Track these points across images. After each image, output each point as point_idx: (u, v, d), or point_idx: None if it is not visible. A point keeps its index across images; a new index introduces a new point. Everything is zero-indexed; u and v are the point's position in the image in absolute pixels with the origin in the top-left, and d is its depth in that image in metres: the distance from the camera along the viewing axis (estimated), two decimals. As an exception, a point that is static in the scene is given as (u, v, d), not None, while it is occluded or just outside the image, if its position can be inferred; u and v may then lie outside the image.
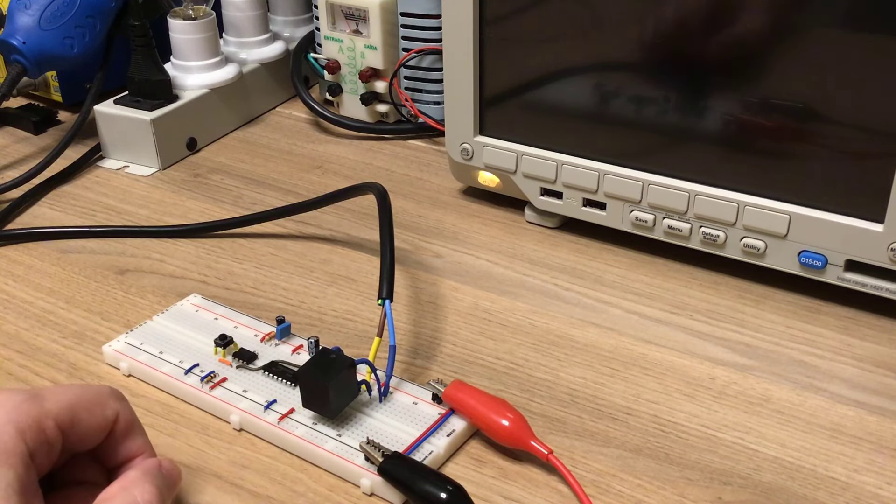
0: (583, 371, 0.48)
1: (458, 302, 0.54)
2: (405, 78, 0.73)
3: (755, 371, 0.48)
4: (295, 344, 0.49)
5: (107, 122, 0.71)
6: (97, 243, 0.61)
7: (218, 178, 0.69)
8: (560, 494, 0.41)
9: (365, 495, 0.41)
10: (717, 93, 0.51)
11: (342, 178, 0.69)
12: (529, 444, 0.42)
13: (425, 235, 0.61)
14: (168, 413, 0.46)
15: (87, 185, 0.69)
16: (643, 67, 0.53)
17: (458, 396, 0.44)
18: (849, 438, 0.44)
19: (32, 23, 0.67)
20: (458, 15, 0.57)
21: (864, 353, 0.49)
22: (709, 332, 0.51)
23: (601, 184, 0.56)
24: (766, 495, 0.41)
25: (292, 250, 0.60)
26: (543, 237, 0.60)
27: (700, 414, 0.45)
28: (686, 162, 0.53)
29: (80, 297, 0.55)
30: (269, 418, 0.44)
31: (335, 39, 0.74)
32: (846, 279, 0.51)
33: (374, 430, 0.43)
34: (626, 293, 0.54)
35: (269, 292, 0.55)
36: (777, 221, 0.51)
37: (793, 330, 0.51)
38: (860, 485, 0.41)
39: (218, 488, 0.41)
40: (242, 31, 0.78)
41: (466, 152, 0.61)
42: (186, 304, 0.53)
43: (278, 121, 0.79)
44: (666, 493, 0.41)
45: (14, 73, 0.67)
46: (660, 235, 0.56)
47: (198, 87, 0.73)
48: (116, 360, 0.49)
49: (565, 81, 0.56)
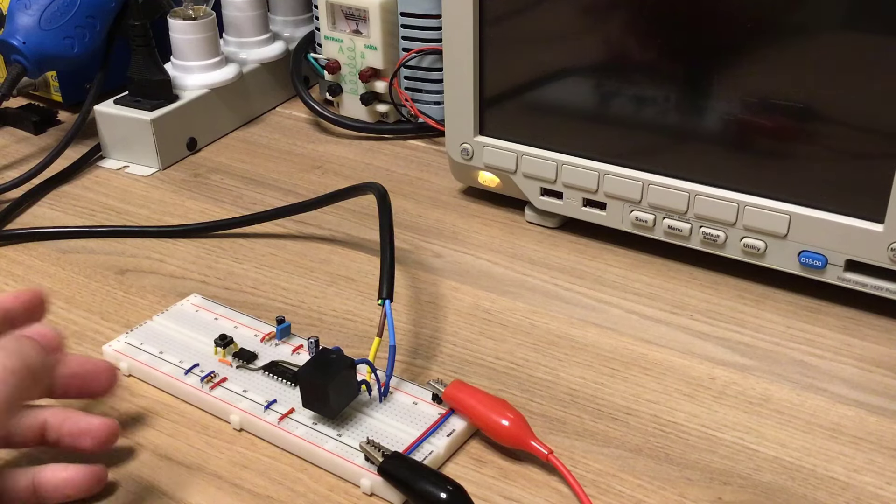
0: (583, 371, 0.48)
1: (458, 302, 0.54)
2: (405, 78, 0.73)
3: (755, 371, 0.48)
4: (295, 344, 0.49)
5: (107, 122, 0.71)
6: (97, 243, 0.61)
7: (218, 178, 0.69)
8: (560, 494, 0.41)
9: (365, 495, 0.41)
10: (717, 93, 0.51)
11: (342, 178, 0.69)
12: (529, 444, 0.42)
13: (425, 235, 0.61)
14: (168, 413, 0.46)
15: (87, 185, 0.69)
16: (643, 67, 0.53)
17: (458, 396, 0.44)
18: (849, 438, 0.44)
19: (32, 23, 0.67)
20: (458, 15, 0.57)
21: (864, 353, 0.49)
22: (709, 332, 0.51)
23: (601, 184, 0.56)
24: (766, 495, 0.41)
25: (292, 250, 0.60)
26: (543, 237, 0.60)
27: (700, 414, 0.45)
28: (686, 162, 0.53)
29: (80, 297, 0.55)
30: (269, 418, 0.44)
31: (335, 39, 0.74)
32: (846, 279, 0.51)
33: (374, 430, 0.43)
34: (626, 293, 0.54)
35: (269, 292, 0.55)
36: (777, 221, 0.51)
37: (793, 330, 0.51)
38: (860, 485, 0.41)
39: (218, 488, 0.41)
40: (242, 31, 0.78)
41: (466, 152, 0.61)
42: (186, 304, 0.53)
43: (278, 121, 0.79)
44: (666, 493, 0.41)
45: (14, 73, 0.67)
46: (660, 235, 0.56)
47: (198, 87, 0.73)
48: (116, 360, 0.49)
49: (565, 81, 0.56)
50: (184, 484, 0.42)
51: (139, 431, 0.45)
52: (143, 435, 0.44)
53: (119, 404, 0.46)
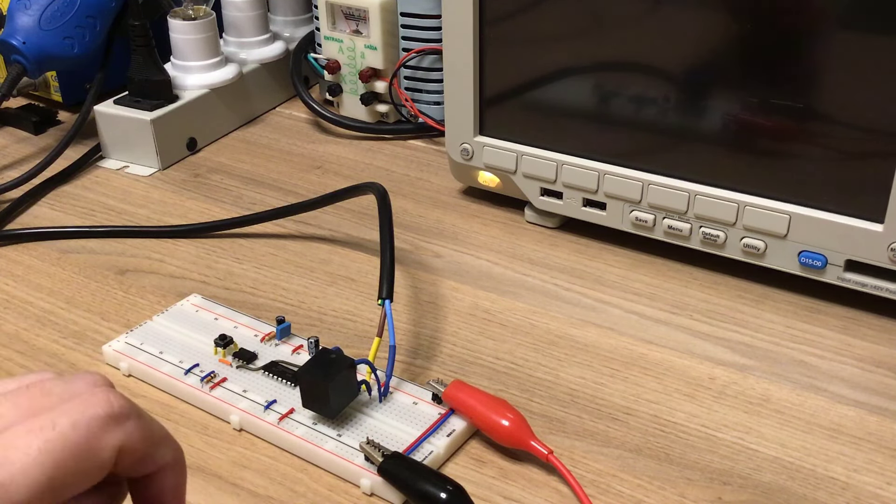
0: (583, 371, 0.48)
1: (458, 302, 0.54)
2: (405, 78, 0.73)
3: (755, 371, 0.48)
4: (295, 344, 0.49)
5: (107, 122, 0.71)
6: (97, 243, 0.61)
7: (218, 178, 0.69)
8: (560, 494, 0.41)
9: (365, 495, 0.41)
10: (717, 93, 0.51)
11: (342, 178, 0.69)
12: (529, 444, 0.42)
13: (425, 235, 0.61)
14: (168, 413, 0.46)
15: (87, 185, 0.69)
16: (643, 67, 0.53)
17: (458, 396, 0.44)
18: (849, 438, 0.44)
19: (32, 23, 0.67)
20: (458, 15, 0.57)
21: (864, 353, 0.49)
22: (709, 332, 0.51)
23: (601, 184, 0.56)
24: (766, 495, 0.41)
25: (292, 250, 0.60)
26: (543, 237, 0.60)
27: (700, 414, 0.45)
28: (686, 162, 0.53)
29: (80, 297, 0.55)
30: (269, 418, 0.44)
31: (335, 39, 0.74)
32: (846, 279, 0.51)
33: (374, 430, 0.43)
34: (626, 293, 0.54)
35: (269, 292, 0.55)
36: (777, 221, 0.51)
37: (793, 330, 0.51)
38: (860, 485, 0.41)
39: (218, 488, 0.41)
40: (242, 31, 0.78)
41: (466, 152, 0.61)
42: (186, 304, 0.53)
43: (278, 121, 0.79)
44: (666, 493, 0.41)
45: (14, 73, 0.67)
46: (660, 235, 0.56)
47: (198, 87, 0.73)
48: (116, 360, 0.49)
49: (565, 81, 0.56)
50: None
51: (139, 431, 0.45)
52: (143, 435, 0.44)
53: (119, 404, 0.46)
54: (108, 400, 0.28)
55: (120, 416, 0.28)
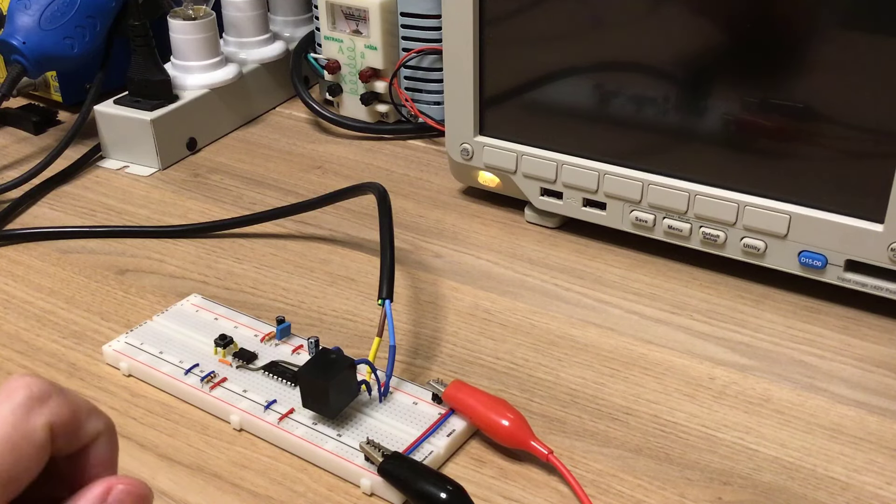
0: (583, 371, 0.48)
1: (458, 302, 0.54)
2: (405, 78, 0.73)
3: (755, 371, 0.48)
4: (295, 344, 0.49)
5: (107, 122, 0.71)
6: (97, 243, 0.61)
7: (218, 178, 0.69)
8: (560, 494, 0.41)
9: (365, 495, 0.41)
10: (717, 93, 0.51)
11: (342, 178, 0.69)
12: (529, 444, 0.42)
13: (425, 235, 0.61)
14: (168, 413, 0.46)
15: (87, 185, 0.69)
16: (643, 67, 0.53)
17: (458, 396, 0.44)
18: (849, 438, 0.44)
19: (32, 23, 0.67)
20: (458, 15, 0.57)
21: (864, 353, 0.49)
22: (709, 332, 0.51)
23: (601, 184, 0.56)
24: (766, 495, 0.41)
25: (292, 250, 0.60)
26: (543, 237, 0.60)
27: (700, 414, 0.45)
28: (686, 162, 0.53)
29: (80, 297, 0.55)
30: (269, 418, 0.44)
31: (335, 39, 0.74)
32: (846, 279, 0.51)
33: (374, 430, 0.43)
34: (626, 293, 0.54)
35: (269, 292, 0.55)
36: (777, 221, 0.51)
37: (793, 330, 0.51)
38: (860, 485, 0.41)
39: (218, 488, 0.41)
40: (242, 31, 0.78)
41: (466, 152, 0.61)
42: (186, 304, 0.53)
43: (278, 121, 0.79)
44: (666, 493, 0.41)
45: (14, 73, 0.67)
46: (660, 235, 0.56)
47: (198, 87, 0.73)
48: (116, 360, 0.49)
49: (565, 81, 0.56)
50: (184, 484, 0.42)
51: (139, 431, 0.45)
52: (143, 435, 0.44)
53: (119, 404, 0.46)
54: (26, 384, 0.28)
55: (41, 396, 0.28)
